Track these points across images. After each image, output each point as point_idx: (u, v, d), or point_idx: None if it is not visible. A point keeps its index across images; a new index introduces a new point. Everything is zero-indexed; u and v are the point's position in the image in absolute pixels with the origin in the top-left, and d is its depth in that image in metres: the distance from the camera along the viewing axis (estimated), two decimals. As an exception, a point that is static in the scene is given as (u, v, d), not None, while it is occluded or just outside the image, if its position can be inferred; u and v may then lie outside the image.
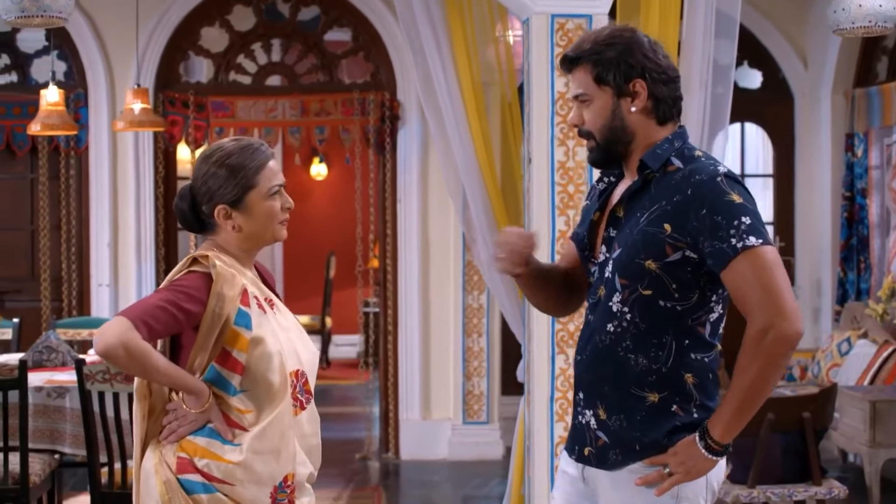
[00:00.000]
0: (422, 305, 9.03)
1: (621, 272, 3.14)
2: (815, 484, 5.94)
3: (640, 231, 3.11)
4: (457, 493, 8.10)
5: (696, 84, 5.74)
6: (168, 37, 9.04)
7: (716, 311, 3.16)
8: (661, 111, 3.19)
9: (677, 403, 3.12)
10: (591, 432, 3.21)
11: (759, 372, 2.99)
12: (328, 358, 14.02)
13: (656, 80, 3.17)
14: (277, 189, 3.42)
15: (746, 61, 9.85)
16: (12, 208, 9.46)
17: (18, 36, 9.18)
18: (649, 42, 3.21)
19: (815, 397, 6.04)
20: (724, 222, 3.01)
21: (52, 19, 5.76)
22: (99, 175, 8.99)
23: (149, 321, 3.21)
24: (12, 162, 9.32)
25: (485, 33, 6.65)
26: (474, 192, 6.39)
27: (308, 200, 15.22)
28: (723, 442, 3.06)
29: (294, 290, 15.14)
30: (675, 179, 3.11)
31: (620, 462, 3.16)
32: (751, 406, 3.05)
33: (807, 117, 9.75)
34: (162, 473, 3.31)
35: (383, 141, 9.02)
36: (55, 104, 7.37)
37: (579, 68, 3.22)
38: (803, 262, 9.82)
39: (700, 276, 3.09)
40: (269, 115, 9.06)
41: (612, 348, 3.16)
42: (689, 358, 3.13)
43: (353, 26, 9.24)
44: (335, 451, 9.28)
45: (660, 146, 3.17)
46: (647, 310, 3.12)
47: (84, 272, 9.06)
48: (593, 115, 3.21)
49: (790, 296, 3.01)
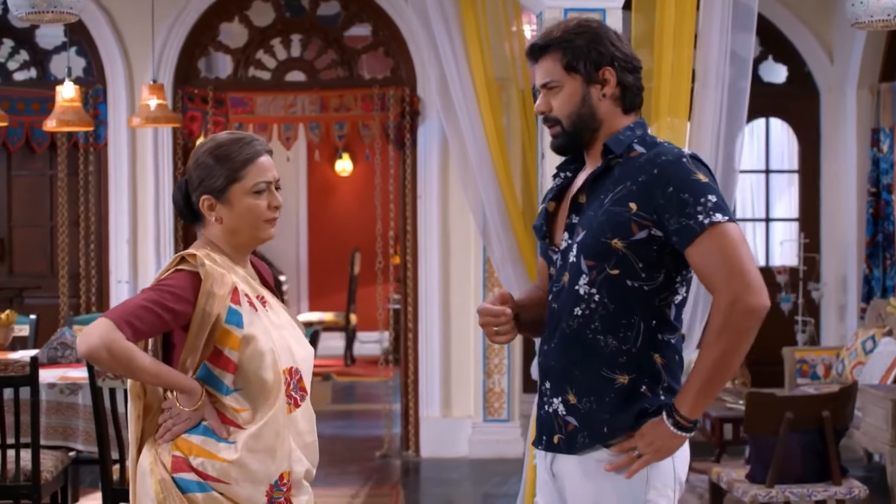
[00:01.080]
0: (442, 302, 9.00)
1: (587, 254, 3.17)
2: (834, 484, 5.90)
3: (605, 211, 3.15)
4: (477, 491, 8.08)
5: (712, 79, 5.68)
6: (187, 32, 9.04)
7: (680, 293, 3.21)
8: (627, 100, 3.27)
9: (646, 385, 3.16)
10: (559, 420, 3.23)
11: (727, 346, 3.04)
12: (353, 355, 14.00)
13: (624, 68, 3.25)
14: (264, 186, 3.38)
15: (771, 56, 9.82)
16: (31, 205, 9.52)
17: (37, 32, 9.23)
18: (615, 33, 3.28)
19: (834, 396, 6.00)
20: (691, 199, 3.06)
21: (63, 15, 5.74)
22: (118, 171, 9.00)
23: (133, 321, 3.20)
24: (31, 158, 9.38)
25: (499, 28, 6.61)
26: (488, 189, 6.36)
27: (333, 197, 15.24)
28: (691, 417, 3.10)
29: (319, 287, 15.18)
30: (639, 162, 3.16)
31: (587, 445, 3.18)
32: (718, 381, 3.09)
33: (832, 112, 9.69)
34: (157, 473, 3.30)
35: (403, 137, 8.99)
36: (71, 100, 7.37)
37: (548, 56, 3.26)
38: (829, 259, 9.76)
39: (665, 254, 3.13)
40: (289, 111, 9.07)
41: (581, 331, 3.19)
42: (657, 339, 3.17)
43: (372, 21, 9.22)
44: (355, 449, 9.30)
45: (622, 133, 3.23)
46: (615, 290, 3.15)
47: (103, 269, 9.09)
48: (562, 101, 3.25)
49: (755, 270, 3.06)
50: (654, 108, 5.72)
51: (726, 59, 5.67)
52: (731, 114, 5.73)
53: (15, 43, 9.26)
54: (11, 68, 9.28)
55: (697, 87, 5.72)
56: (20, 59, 9.30)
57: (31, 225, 9.55)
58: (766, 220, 10.33)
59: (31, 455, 5.77)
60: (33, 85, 9.12)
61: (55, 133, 8.82)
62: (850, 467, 6.14)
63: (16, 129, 8.95)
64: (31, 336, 7.51)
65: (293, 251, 15.07)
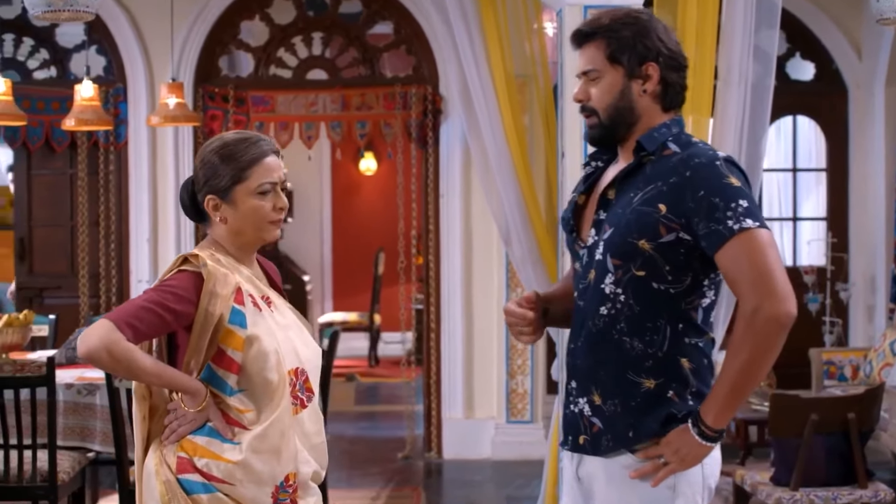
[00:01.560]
0: (465, 302, 8.97)
1: (613, 252, 3.11)
2: (860, 487, 5.85)
3: (634, 210, 3.09)
4: (499, 494, 8.03)
5: (735, 76, 5.66)
6: (208, 31, 9.02)
7: (708, 296, 3.15)
8: (668, 97, 3.20)
9: (673, 390, 3.10)
10: (584, 420, 3.18)
11: (751, 354, 2.98)
12: (377, 355, 13.99)
13: (668, 65, 3.18)
14: (269, 188, 3.36)
15: (799, 53, 9.76)
16: (52, 204, 9.51)
17: (58, 31, 9.25)
18: (664, 27, 3.21)
19: (859, 398, 5.94)
20: (722, 204, 3.00)
21: (79, 13, 5.77)
22: (138, 170, 9.00)
23: (133, 323, 3.18)
24: (52, 157, 9.38)
25: (519, 26, 6.59)
26: (507, 189, 6.36)
27: (357, 196, 15.22)
28: (716, 427, 3.04)
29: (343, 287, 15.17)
30: (671, 162, 3.10)
31: (612, 448, 3.13)
32: (743, 389, 3.03)
33: (861, 110, 9.62)
34: (162, 474, 3.29)
35: (425, 135, 8.95)
36: (90, 99, 7.34)
37: (592, 44, 3.20)
38: (857, 259, 9.68)
39: (693, 258, 3.07)
40: (310, 110, 9.05)
41: (607, 332, 3.13)
42: (684, 343, 3.11)
43: (394, 19, 9.19)
44: (378, 450, 9.29)
45: (657, 130, 3.16)
46: (641, 292, 3.09)
47: (123, 268, 9.09)
48: (601, 92, 3.18)
49: (783, 277, 2.99)
50: (676, 106, 5.69)
51: (749, 57, 5.64)
52: (755, 112, 5.71)
53: (35, 41, 9.27)
54: (31, 67, 9.29)
55: (720, 85, 5.69)
56: (40, 58, 9.30)
57: (52, 224, 9.54)
58: (794, 220, 10.26)
59: (47, 456, 5.77)
60: (53, 84, 9.13)
61: (75, 132, 8.81)
62: (876, 470, 6.12)
63: (36, 128, 8.95)
64: (50, 336, 7.53)
65: (317, 251, 15.08)
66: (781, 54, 9.62)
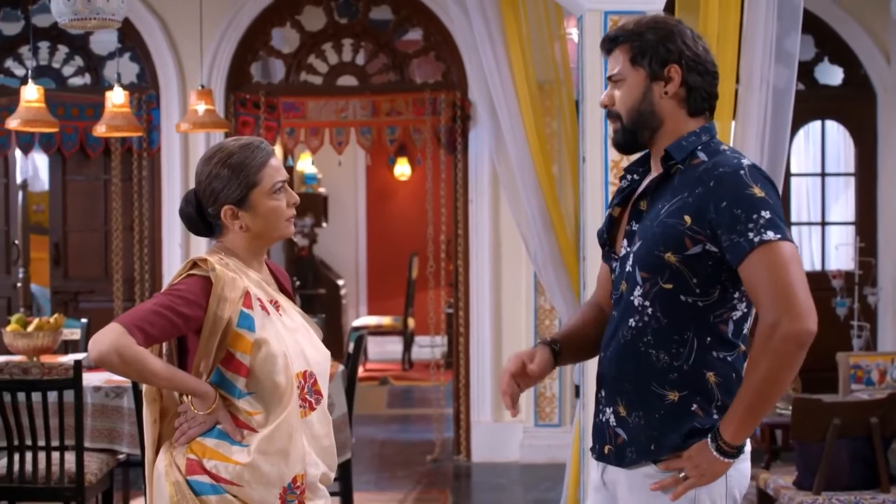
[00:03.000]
0: (493, 307, 9.01)
1: (641, 265, 3.10)
2: (883, 491, 5.81)
3: (660, 223, 3.07)
4: (527, 496, 8.06)
5: (756, 80, 5.62)
6: (239, 38, 9.09)
7: (739, 308, 3.10)
8: (692, 101, 3.17)
9: (697, 403, 3.07)
10: (610, 430, 3.19)
11: (768, 371, 2.94)
12: (411, 359, 14.05)
13: (692, 69, 3.15)
14: (281, 185, 3.43)
15: (827, 58, 9.71)
16: (86, 210, 9.60)
17: (92, 38, 9.32)
18: (692, 34, 3.19)
19: (882, 402, 5.91)
20: (744, 216, 2.96)
21: (105, 21, 5.86)
22: (171, 176, 9.08)
23: (144, 326, 3.22)
24: (86, 163, 9.47)
25: (541, 32, 6.61)
26: (529, 192, 6.38)
27: (391, 201, 15.30)
28: (734, 443, 3.00)
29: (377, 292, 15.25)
30: (698, 172, 3.07)
31: (635, 460, 3.13)
32: (762, 406, 2.98)
33: (889, 114, 9.55)
34: (172, 475, 3.33)
35: (454, 141, 9.01)
36: (121, 106, 7.42)
37: (618, 48, 3.21)
38: (885, 263, 9.62)
39: (721, 270, 3.04)
40: (340, 116, 9.09)
41: (634, 343, 3.12)
42: (710, 356, 3.08)
43: (423, 26, 9.25)
44: (407, 453, 9.34)
45: (686, 138, 3.14)
46: (669, 304, 3.07)
47: (156, 272, 9.17)
48: (623, 95, 3.19)
49: (804, 293, 2.93)
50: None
51: (771, 61, 5.60)
52: (777, 116, 5.65)
53: (70, 49, 9.36)
54: (66, 74, 9.37)
55: (741, 90, 5.66)
56: (75, 65, 9.39)
57: (86, 229, 9.64)
58: (822, 224, 10.23)
59: (75, 457, 5.85)
60: (87, 91, 9.20)
61: (109, 138, 8.89)
62: None
63: (70, 134, 9.03)
64: (82, 340, 7.60)
65: (352, 255, 15.17)
66: (810, 59, 9.60)
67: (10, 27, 9.35)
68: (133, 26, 8.95)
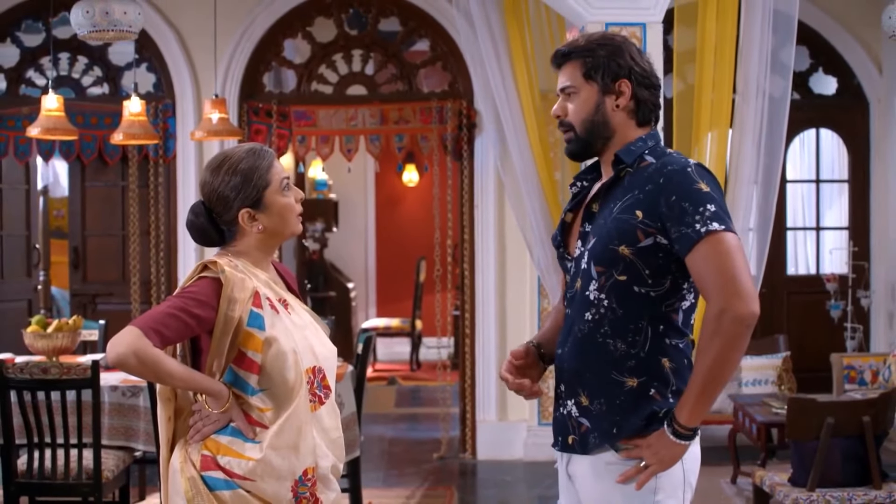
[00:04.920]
0: (498, 309, 9.13)
1: (596, 260, 3.25)
2: (874, 487, 5.93)
3: (614, 219, 3.23)
4: (531, 493, 8.15)
5: (752, 90, 5.73)
6: (252, 49, 9.23)
7: (688, 299, 3.28)
8: (641, 113, 3.36)
9: (655, 388, 3.23)
10: (572, 420, 3.32)
11: (719, 354, 3.09)
12: (419, 360, 14.16)
13: (640, 83, 3.34)
14: (287, 182, 3.53)
15: (821, 68, 9.81)
16: (104, 215, 9.75)
17: (110, 49, 9.43)
18: (637, 49, 3.38)
19: (874, 402, 6.02)
20: (691, 209, 3.13)
21: (123, 33, 6.03)
22: (186, 183, 9.20)
23: (159, 329, 3.27)
24: (104, 170, 9.61)
25: (544, 42, 6.71)
26: (532, 198, 6.46)
27: (400, 206, 15.43)
28: (689, 425, 3.17)
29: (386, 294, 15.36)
30: (647, 172, 3.25)
31: (598, 444, 3.27)
32: (713, 388, 3.13)
33: (882, 123, 9.66)
34: (187, 471, 3.40)
35: (460, 148, 9.13)
36: (137, 115, 7.56)
37: (570, 63, 3.36)
38: (878, 268, 9.73)
39: (671, 262, 3.21)
40: (350, 124, 9.18)
41: (592, 335, 3.27)
42: (665, 343, 3.25)
43: (431, 37, 9.37)
44: (415, 451, 9.41)
45: (634, 143, 3.33)
46: (623, 295, 3.23)
47: (172, 276, 9.26)
48: (577, 107, 3.35)
49: (747, 279, 3.10)
50: (695, 122, 5.79)
51: (767, 71, 5.72)
52: (773, 125, 5.77)
53: (89, 60, 9.47)
54: (85, 84, 9.49)
55: (738, 99, 5.77)
56: (94, 75, 9.50)
57: (105, 234, 9.79)
58: (817, 229, 10.35)
59: (92, 454, 5.96)
60: (105, 100, 9.32)
61: (126, 146, 9.01)
62: (891, 472, 6.12)
63: (89, 142, 9.14)
64: (100, 341, 7.73)
65: (362, 259, 15.27)
66: (805, 69, 9.68)
67: (31, 39, 9.48)
68: (150, 38, 9.10)
